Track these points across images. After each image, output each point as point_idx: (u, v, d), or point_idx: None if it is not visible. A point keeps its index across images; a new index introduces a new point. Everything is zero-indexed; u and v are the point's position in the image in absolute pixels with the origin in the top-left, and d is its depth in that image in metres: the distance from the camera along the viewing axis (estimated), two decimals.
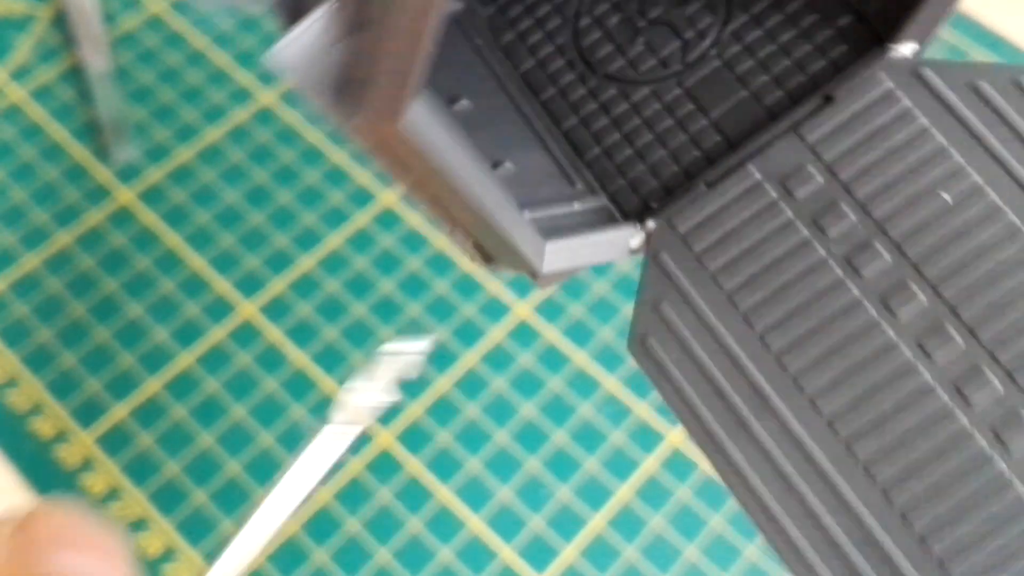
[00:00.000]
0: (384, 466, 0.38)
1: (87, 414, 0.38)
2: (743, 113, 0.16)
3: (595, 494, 0.37)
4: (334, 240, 0.42)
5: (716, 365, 0.14)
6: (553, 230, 0.16)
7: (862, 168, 0.14)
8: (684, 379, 0.14)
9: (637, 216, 0.17)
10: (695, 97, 0.16)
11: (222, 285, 0.41)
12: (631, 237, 0.16)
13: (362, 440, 0.38)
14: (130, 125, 0.45)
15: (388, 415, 0.38)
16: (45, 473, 0.37)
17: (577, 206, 0.17)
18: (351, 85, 0.15)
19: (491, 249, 0.16)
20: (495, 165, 0.17)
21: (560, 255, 0.16)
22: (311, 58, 0.15)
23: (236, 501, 0.37)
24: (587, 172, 0.17)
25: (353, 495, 0.37)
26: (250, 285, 0.41)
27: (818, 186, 0.14)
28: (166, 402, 0.38)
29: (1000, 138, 0.13)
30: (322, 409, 0.38)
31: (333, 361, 0.39)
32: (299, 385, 0.39)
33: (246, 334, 0.40)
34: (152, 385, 0.39)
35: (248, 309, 0.41)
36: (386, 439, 0.38)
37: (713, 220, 0.15)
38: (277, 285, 0.41)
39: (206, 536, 0.36)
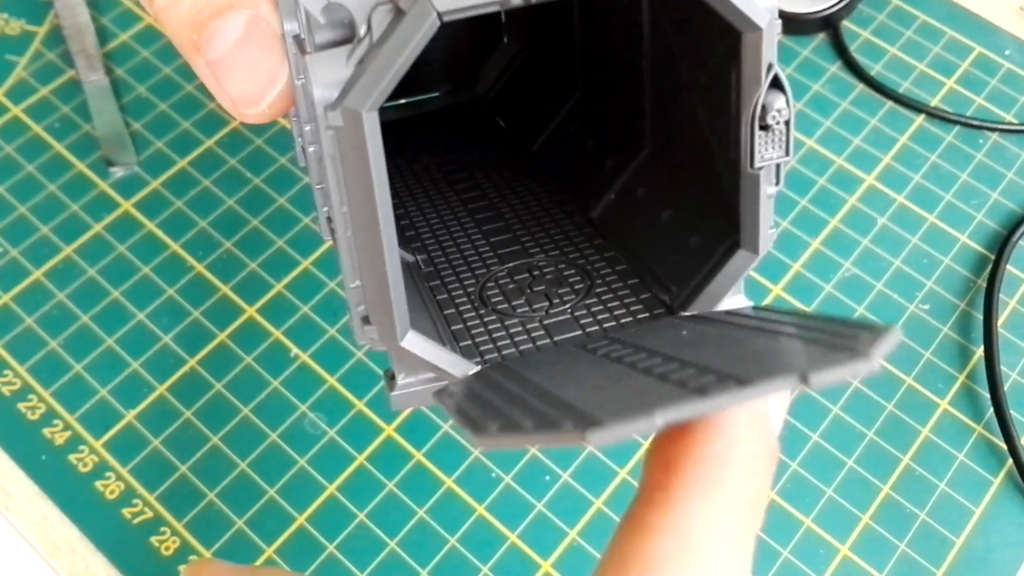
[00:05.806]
0: (389, 456, 0.38)
1: (97, 420, 0.39)
2: (576, 341, 0.26)
3: (595, 478, 0.38)
4: None
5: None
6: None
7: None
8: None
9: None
10: (547, 328, 0.26)
11: (224, 289, 0.42)
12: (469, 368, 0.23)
13: (366, 432, 0.39)
14: (128, 137, 0.45)
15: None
16: (60, 479, 0.38)
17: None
18: None
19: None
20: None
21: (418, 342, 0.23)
22: None
23: (246, 499, 0.37)
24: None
25: (358, 486, 0.38)
26: (252, 288, 0.42)
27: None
28: (173, 406, 0.39)
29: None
30: (325, 405, 0.39)
31: (336, 361, 0.40)
32: (303, 383, 0.40)
33: (249, 336, 0.41)
34: (159, 389, 0.40)
35: (250, 311, 0.41)
36: (389, 430, 0.39)
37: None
38: (278, 286, 0.42)
39: (219, 535, 0.37)
